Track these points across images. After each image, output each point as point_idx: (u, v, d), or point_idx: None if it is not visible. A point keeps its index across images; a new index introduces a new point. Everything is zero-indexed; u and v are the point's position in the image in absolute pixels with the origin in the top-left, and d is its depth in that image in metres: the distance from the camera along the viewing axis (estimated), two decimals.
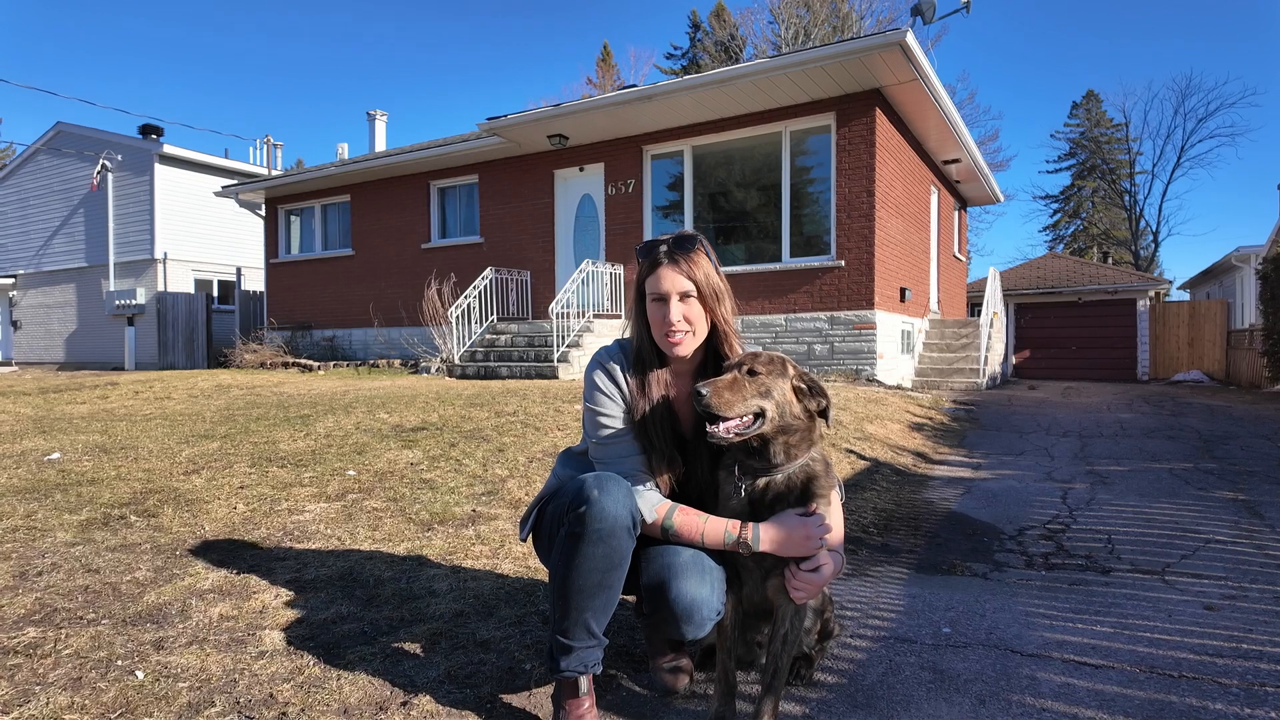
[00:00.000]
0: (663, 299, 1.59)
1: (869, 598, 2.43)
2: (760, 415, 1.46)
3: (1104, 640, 2.00)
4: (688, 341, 1.60)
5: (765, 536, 1.49)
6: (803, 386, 1.53)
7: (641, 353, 1.66)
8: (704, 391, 1.43)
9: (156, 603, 2.18)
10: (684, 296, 1.59)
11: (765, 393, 1.47)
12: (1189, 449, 5.56)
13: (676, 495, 1.64)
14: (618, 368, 1.65)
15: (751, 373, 1.49)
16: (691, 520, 1.54)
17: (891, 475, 4.58)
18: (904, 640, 2.03)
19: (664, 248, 1.62)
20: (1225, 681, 1.74)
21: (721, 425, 1.44)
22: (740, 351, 1.65)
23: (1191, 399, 9.78)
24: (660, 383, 1.64)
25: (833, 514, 1.58)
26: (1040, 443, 6.00)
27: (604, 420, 1.62)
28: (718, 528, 1.52)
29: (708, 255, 1.63)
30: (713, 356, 1.69)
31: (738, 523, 1.51)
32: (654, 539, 1.58)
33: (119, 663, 1.80)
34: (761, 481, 1.52)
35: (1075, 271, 19.13)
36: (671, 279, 1.59)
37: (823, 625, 1.80)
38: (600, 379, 1.64)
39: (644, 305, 1.65)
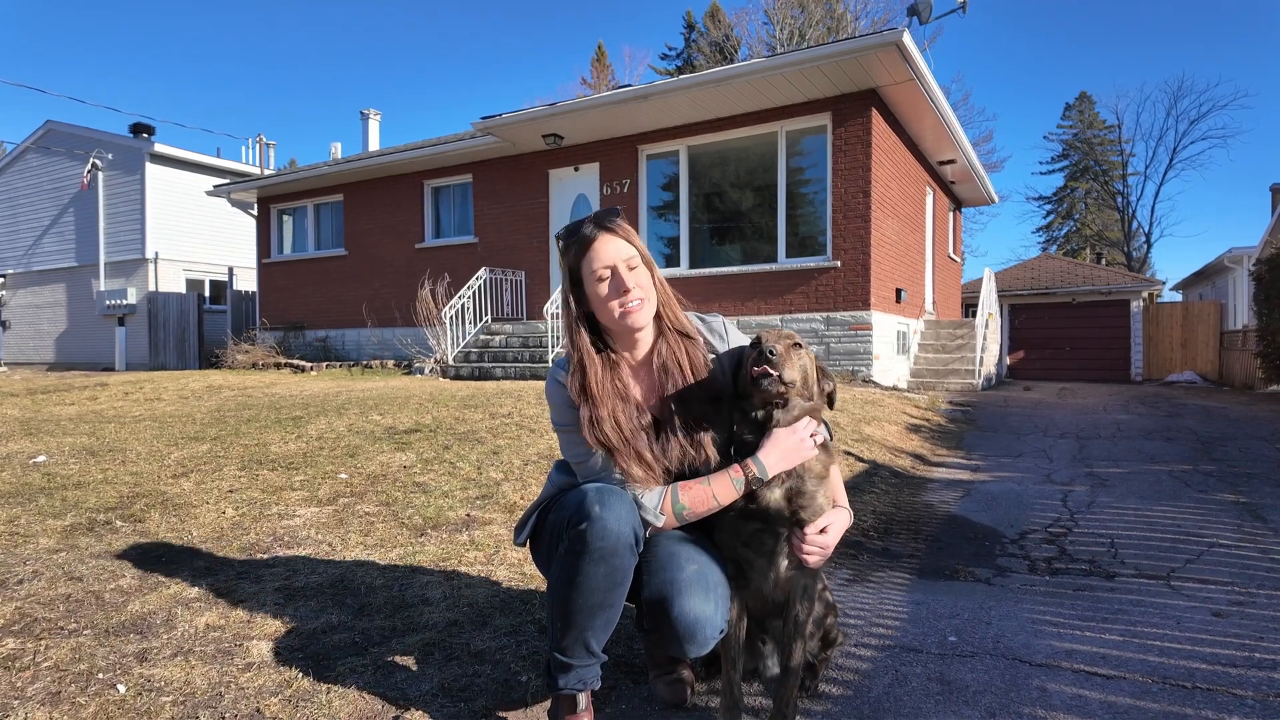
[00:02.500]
0: (611, 269, 1.51)
1: (872, 604, 2.38)
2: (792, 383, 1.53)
3: (1114, 649, 1.96)
4: (645, 309, 1.53)
5: (769, 461, 1.47)
6: (820, 369, 1.64)
7: (581, 355, 1.54)
8: (775, 349, 1.46)
9: (141, 612, 2.12)
10: (629, 265, 1.52)
11: (805, 365, 1.57)
12: (1187, 450, 5.54)
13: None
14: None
15: (796, 345, 1.57)
16: (698, 491, 1.48)
17: (890, 478, 4.54)
18: (909, 649, 1.98)
19: (590, 223, 1.54)
20: (1240, 693, 1.70)
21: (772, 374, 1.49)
22: (682, 319, 1.63)
23: (1187, 400, 9.79)
24: (614, 375, 1.55)
25: (834, 483, 1.61)
26: (1038, 444, 5.97)
27: (576, 439, 1.54)
28: (725, 484, 1.48)
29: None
30: (658, 331, 1.62)
31: (738, 465, 1.48)
32: (658, 536, 1.53)
33: (100, 676, 1.74)
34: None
35: (1069, 272, 19.16)
36: (615, 245, 1.52)
37: (825, 633, 1.75)
38: (561, 400, 1.56)
39: (579, 295, 1.56)
